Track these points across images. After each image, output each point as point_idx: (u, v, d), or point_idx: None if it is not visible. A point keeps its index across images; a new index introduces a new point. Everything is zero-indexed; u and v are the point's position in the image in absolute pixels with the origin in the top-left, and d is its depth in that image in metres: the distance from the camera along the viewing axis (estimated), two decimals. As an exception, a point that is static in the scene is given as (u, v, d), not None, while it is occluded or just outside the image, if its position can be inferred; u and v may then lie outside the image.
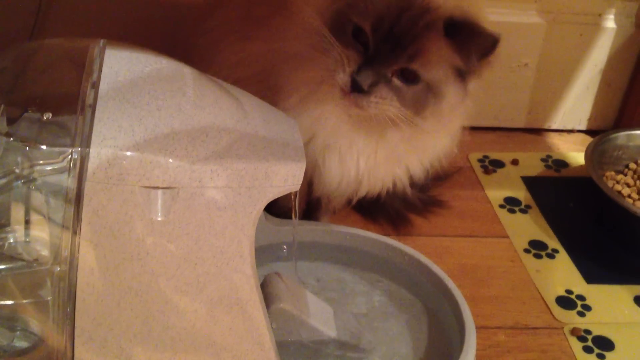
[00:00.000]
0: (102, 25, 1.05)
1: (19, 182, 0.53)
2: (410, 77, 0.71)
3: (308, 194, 0.88)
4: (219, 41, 0.84)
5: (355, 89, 0.70)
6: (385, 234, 0.89)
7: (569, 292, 0.89)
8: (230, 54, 0.82)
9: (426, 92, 0.72)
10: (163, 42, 0.79)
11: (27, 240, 0.54)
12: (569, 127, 1.23)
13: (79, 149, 0.52)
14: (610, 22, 1.13)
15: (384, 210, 0.97)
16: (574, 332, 0.83)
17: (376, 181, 0.83)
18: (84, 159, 0.52)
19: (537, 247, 0.95)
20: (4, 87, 0.58)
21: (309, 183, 0.85)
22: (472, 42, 0.70)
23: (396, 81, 0.71)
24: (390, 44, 0.69)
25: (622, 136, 1.05)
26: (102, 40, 0.61)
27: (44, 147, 0.53)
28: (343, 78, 0.70)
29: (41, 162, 0.53)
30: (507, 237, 0.97)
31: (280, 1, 0.80)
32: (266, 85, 0.79)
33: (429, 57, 0.70)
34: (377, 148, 0.80)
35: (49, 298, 0.54)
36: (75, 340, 0.55)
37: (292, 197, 0.65)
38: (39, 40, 0.67)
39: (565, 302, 0.87)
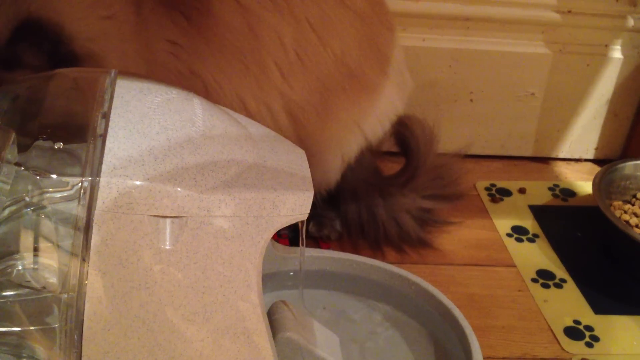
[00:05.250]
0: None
1: (29, 209, 0.54)
2: None
3: None
4: None
5: None
6: (391, 262, 0.89)
7: (577, 322, 0.88)
8: None
9: None
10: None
11: (36, 267, 0.54)
12: (576, 157, 1.23)
13: (89, 178, 0.53)
14: (617, 53, 1.13)
15: (388, 236, 0.97)
16: (582, 363, 0.82)
17: None
18: (93, 188, 0.53)
19: (544, 277, 0.95)
20: (16, 116, 0.59)
21: None
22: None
23: None
24: None
25: (629, 166, 1.05)
26: (113, 71, 0.62)
27: (54, 176, 0.53)
28: None
29: (51, 190, 0.54)
30: (515, 266, 0.97)
31: None
32: None
33: None
34: None
35: (56, 325, 0.55)
36: (82, 369, 0.55)
37: (300, 226, 0.65)
38: (51, 69, 0.68)
39: (573, 332, 0.87)
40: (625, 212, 1.01)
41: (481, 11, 1.08)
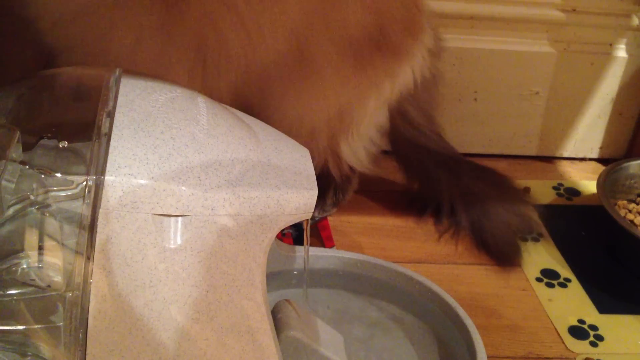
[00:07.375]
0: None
1: (34, 208, 0.54)
2: None
3: None
4: None
5: None
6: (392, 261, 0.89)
7: (582, 322, 0.88)
8: None
9: None
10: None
11: (40, 266, 0.54)
12: (581, 155, 1.22)
13: (94, 176, 0.53)
14: (621, 52, 1.13)
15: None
16: (586, 362, 0.82)
17: None
18: (98, 187, 0.53)
19: (549, 276, 0.95)
20: (20, 114, 0.59)
21: None
22: None
23: None
24: None
25: (634, 165, 1.05)
26: (118, 69, 0.62)
27: (59, 174, 0.53)
28: None
29: (56, 188, 0.54)
30: (519, 265, 0.97)
31: None
32: None
33: None
34: None
35: (60, 324, 0.55)
36: (86, 367, 0.55)
37: (304, 225, 0.65)
38: (55, 67, 0.68)
39: (578, 332, 0.87)
40: (630, 211, 1.01)
41: (485, 10, 1.08)
